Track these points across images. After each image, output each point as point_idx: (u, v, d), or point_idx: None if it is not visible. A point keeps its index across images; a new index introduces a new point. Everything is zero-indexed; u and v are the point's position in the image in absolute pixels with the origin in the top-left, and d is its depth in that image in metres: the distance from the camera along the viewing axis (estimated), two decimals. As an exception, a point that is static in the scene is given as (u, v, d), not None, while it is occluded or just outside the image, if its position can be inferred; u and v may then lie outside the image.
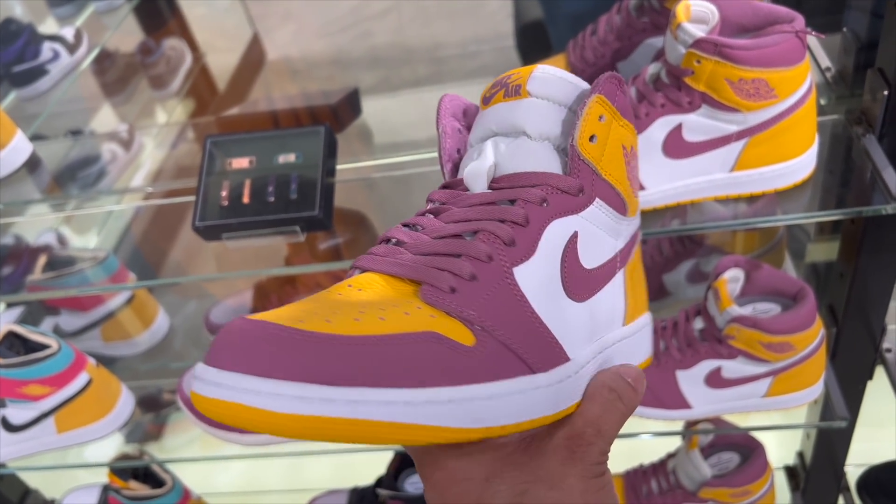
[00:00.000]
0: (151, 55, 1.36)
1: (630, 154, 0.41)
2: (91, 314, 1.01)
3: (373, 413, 0.29)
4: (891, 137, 0.61)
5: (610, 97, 0.39)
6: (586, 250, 0.39)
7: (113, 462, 1.02)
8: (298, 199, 0.68)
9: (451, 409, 0.31)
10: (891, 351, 0.80)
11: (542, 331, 0.36)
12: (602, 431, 0.37)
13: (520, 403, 0.34)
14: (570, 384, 0.37)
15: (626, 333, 0.43)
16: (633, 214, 0.43)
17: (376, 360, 0.30)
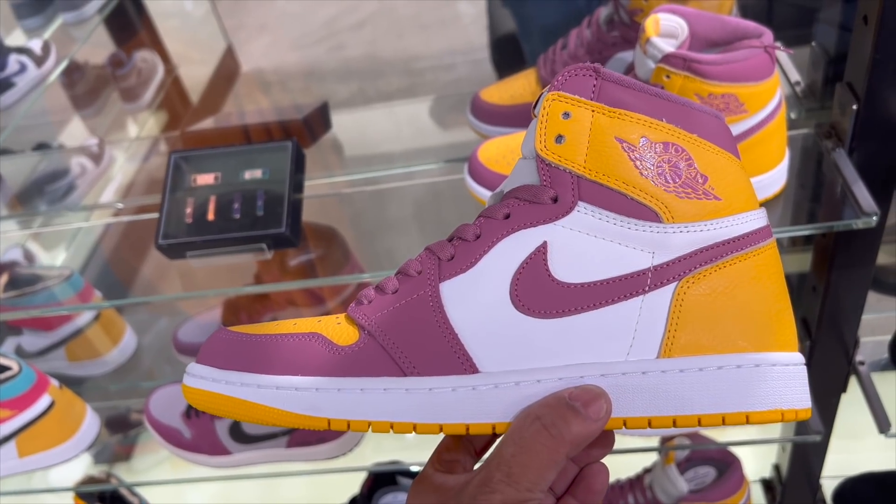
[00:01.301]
0: (122, 67, 1.34)
1: (641, 148, 0.35)
2: (55, 333, 0.99)
3: (246, 394, 0.36)
4: (861, 152, 0.61)
5: (574, 89, 0.36)
6: (566, 261, 0.35)
7: (78, 486, 0.99)
8: (265, 215, 0.67)
9: (295, 395, 0.36)
10: (864, 363, 0.80)
11: (448, 341, 0.35)
12: (512, 475, 0.32)
13: (373, 401, 0.35)
14: (465, 396, 0.35)
15: (666, 367, 0.35)
16: (683, 219, 0.35)
17: (265, 353, 0.37)
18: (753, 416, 0.35)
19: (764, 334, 0.36)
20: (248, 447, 0.84)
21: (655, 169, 0.35)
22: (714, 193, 0.36)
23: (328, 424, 0.35)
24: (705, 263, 0.35)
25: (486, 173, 0.62)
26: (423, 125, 0.95)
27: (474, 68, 1.61)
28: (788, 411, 0.35)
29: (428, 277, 0.37)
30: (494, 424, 0.35)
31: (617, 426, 0.35)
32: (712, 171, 0.36)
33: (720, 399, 0.35)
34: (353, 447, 0.87)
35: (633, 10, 0.64)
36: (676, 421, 0.35)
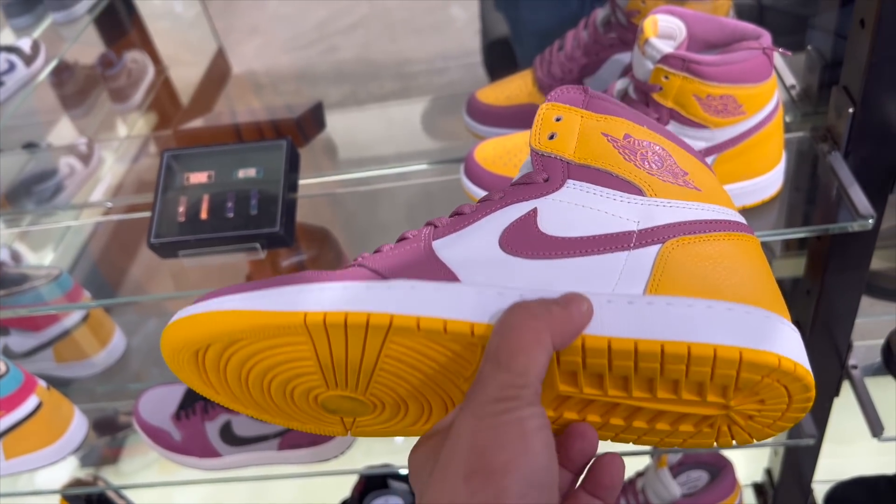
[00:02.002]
0: (112, 68, 1.33)
1: (625, 141, 0.38)
2: (43, 334, 0.98)
3: (225, 305, 0.36)
4: (856, 154, 0.61)
5: (566, 101, 0.40)
6: (555, 222, 0.37)
7: (65, 489, 0.98)
8: (259, 214, 0.66)
9: (280, 297, 0.36)
10: (857, 367, 0.80)
11: (436, 267, 0.37)
12: (501, 363, 0.31)
13: (353, 295, 0.35)
14: (447, 293, 0.35)
15: (652, 300, 0.34)
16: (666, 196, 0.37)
17: (252, 284, 0.37)
18: (747, 354, 0.32)
19: (755, 293, 0.35)
20: (238, 449, 0.83)
21: (638, 157, 0.38)
22: (694, 185, 0.38)
23: (304, 319, 0.35)
24: (689, 233, 0.36)
25: (483, 174, 0.61)
26: (416, 127, 0.95)
27: (467, 72, 1.61)
28: (786, 359, 0.32)
29: (423, 237, 0.39)
30: (473, 325, 0.34)
31: (601, 345, 0.33)
32: (691, 168, 0.39)
33: (712, 330, 0.33)
34: (345, 450, 0.86)
35: (631, 11, 0.64)
36: (665, 347, 0.33)
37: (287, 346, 0.36)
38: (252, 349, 0.36)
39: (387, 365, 0.36)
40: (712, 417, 0.35)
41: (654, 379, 0.34)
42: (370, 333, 0.35)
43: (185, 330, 0.36)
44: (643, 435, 0.37)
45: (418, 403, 0.38)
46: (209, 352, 0.36)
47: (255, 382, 0.38)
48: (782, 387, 0.33)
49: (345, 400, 0.39)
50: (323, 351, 0.36)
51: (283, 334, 0.35)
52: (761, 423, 0.36)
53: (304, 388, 0.38)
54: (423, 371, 0.36)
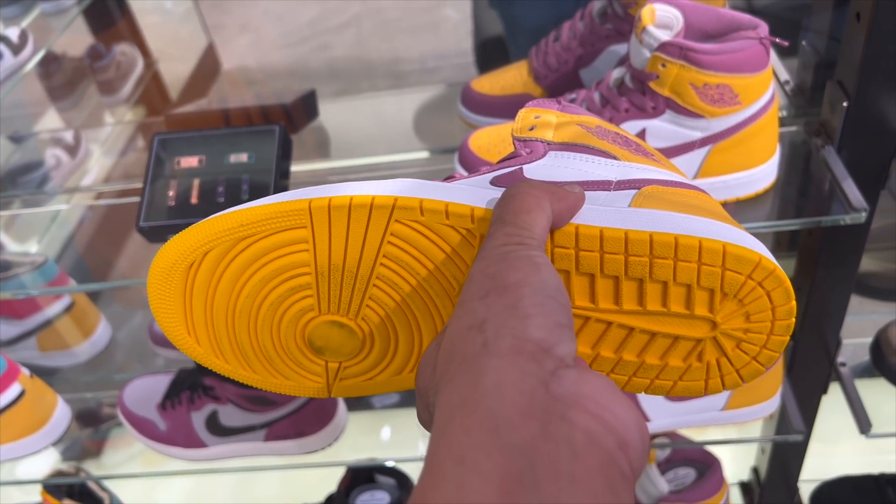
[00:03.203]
0: (101, 60, 1.32)
1: (597, 130, 0.42)
2: (27, 322, 0.96)
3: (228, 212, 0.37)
4: (850, 149, 0.61)
5: (542, 106, 0.44)
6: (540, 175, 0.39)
7: (46, 479, 0.96)
8: (250, 200, 0.65)
9: (281, 196, 0.37)
10: (845, 365, 0.81)
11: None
12: (507, 220, 0.33)
13: (356, 185, 0.37)
14: (446, 186, 0.37)
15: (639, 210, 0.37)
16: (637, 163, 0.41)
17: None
18: (730, 248, 0.34)
19: (727, 219, 0.37)
20: (224, 440, 0.82)
21: (610, 138, 0.42)
22: (659, 161, 0.42)
23: (309, 206, 0.36)
24: (660, 184, 0.39)
25: (478, 162, 0.61)
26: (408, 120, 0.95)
27: (460, 71, 1.61)
28: (766, 258, 0.34)
29: None
30: (473, 208, 0.36)
31: (594, 233, 0.35)
32: (655, 154, 0.43)
33: (697, 227, 0.35)
34: (332, 442, 0.86)
35: (627, 2, 0.64)
36: (653, 237, 0.34)
37: (287, 247, 0.37)
38: (250, 253, 0.37)
39: (383, 269, 0.37)
40: (701, 344, 0.36)
41: (643, 281, 0.35)
42: (374, 215, 0.36)
43: (186, 239, 0.36)
44: (633, 374, 0.38)
45: (408, 333, 0.39)
46: (204, 262, 0.37)
47: (243, 308, 0.38)
48: (765, 294, 0.35)
49: (334, 329, 0.39)
50: (322, 246, 0.37)
51: (285, 221, 0.36)
52: (749, 351, 0.37)
53: (295, 311, 0.38)
54: (419, 277, 0.37)
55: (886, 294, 0.87)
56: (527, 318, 0.28)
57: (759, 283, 0.35)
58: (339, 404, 0.86)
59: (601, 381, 0.28)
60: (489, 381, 0.27)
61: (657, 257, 0.35)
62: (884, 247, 0.87)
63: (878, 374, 0.82)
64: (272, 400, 0.80)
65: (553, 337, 0.28)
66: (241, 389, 0.79)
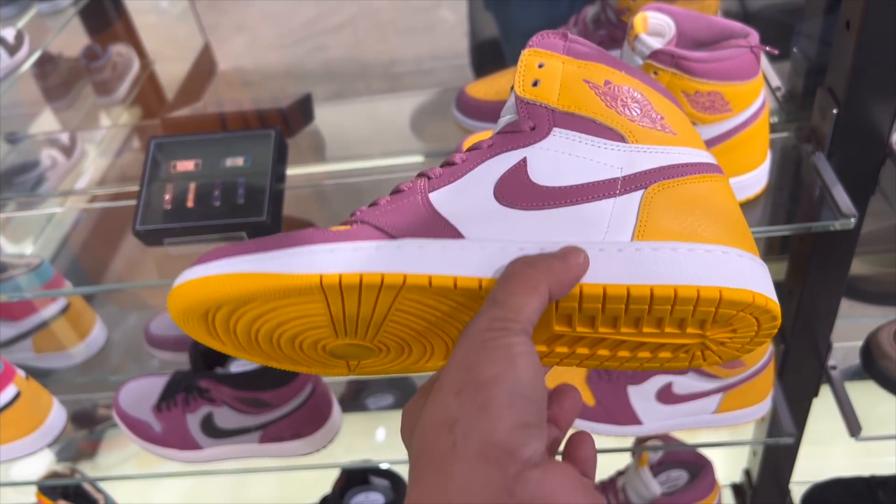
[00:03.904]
0: (97, 60, 1.32)
1: (606, 88, 0.40)
2: (22, 324, 0.96)
3: (237, 267, 0.36)
4: (840, 155, 0.62)
5: (547, 47, 0.41)
6: (544, 171, 0.39)
7: (41, 480, 0.97)
8: (246, 204, 0.66)
9: (291, 259, 0.36)
10: (836, 368, 0.81)
11: (437, 219, 0.38)
12: (497, 301, 0.34)
13: (365, 257, 0.36)
14: (454, 252, 0.37)
15: (640, 246, 0.37)
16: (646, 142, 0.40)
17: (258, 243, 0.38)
18: (727, 293, 0.35)
19: (729, 234, 0.38)
20: (219, 442, 0.82)
21: (619, 103, 0.40)
22: (670, 128, 0.40)
23: (320, 280, 0.36)
24: (668, 177, 0.39)
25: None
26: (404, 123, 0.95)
27: (455, 73, 1.61)
28: (759, 295, 0.36)
29: (418, 189, 0.39)
30: (481, 280, 0.36)
31: (597, 292, 0.36)
32: (666, 113, 0.41)
33: (694, 273, 0.36)
34: (326, 444, 0.86)
35: (621, 9, 0.65)
36: (654, 290, 0.35)
37: (300, 305, 0.37)
38: (265, 308, 0.37)
39: (396, 316, 0.38)
40: (689, 345, 0.39)
41: (641, 318, 0.37)
42: (383, 292, 0.36)
43: (194, 292, 0.37)
44: (625, 362, 0.40)
45: (421, 346, 0.41)
46: (219, 312, 0.37)
47: (265, 337, 0.39)
48: (753, 318, 0.37)
49: (352, 347, 0.40)
50: (336, 308, 0.37)
51: (297, 295, 0.36)
52: (731, 349, 0.40)
53: (312, 339, 0.40)
54: (430, 319, 0.38)
55: (877, 298, 0.88)
56: (496, 421, 0.30)
57: (749, 314, 0.37)
58: (333, 406, 0.86)
59: (566, 477, 0.30)
60: (455, 487, 0.29)
61: (657, 305, 0.36)
62: (874, 250, 0.88)
63: (868, 378, 0.83)
64: (267, 402, 0.81)
65: (519, 439, 0.29)
66: (237, 391, 0.80)
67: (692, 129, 0.42)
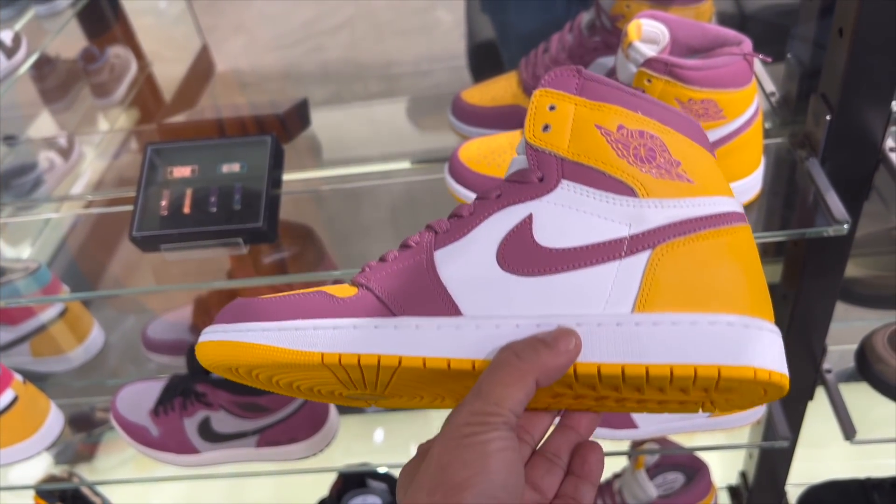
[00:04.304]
0: (95, 62, 1.32)
1: (619, 134, 0.38)
2: (20, 328, 0.97)
3: (249, 337, 0.38)
4: (833, 161, 0.62)
5: (559, 86, 0.39)
6: (549, 229, 0.38)
7: (39, 484, 0.97)
8: (242, 210, 0.66)
9: (296, 334, 0.38)
10: (831, 372, 0.82)
11: (437, 291, 0.38)
12: (481, 392, 0.34)
13: (364, 336, 0.38)
14: (449, 333, 0.37)
15: (639, 320, 0.36)
16: (658, 195, 0.37)
17: (272, 307, 0.40)
18: (725, 370, 0.35)
19: (737, 299, 0.36)
20: (216, 446, 0.83)
21: (631, 151, 0.38)
22: (687, 176, 0.38)
23: (321, 358, 0.37)
24: (679, 235, 0.37)
25: (467, 173, 0.62)
26: (400, 126, 0.95)
27: (453, 75, 1.61)
28: (761, 370, 0.35)
29: (424, 246, 0.40)
30: (475, 361, 0.37)
31: (591, 371, 0.36)
32: (684, 157, 0.39)
33: (693, 351, 0.35)
34: (324, 448, 0.86)
35: (615, 15, 0.65)
36: (650, 370, 0.35)
37: (309, 372, 0.39)
38: (279, 371, 0.40)
39: (401, 381, 0.39)
40: (696, 401, 0.39)
41: (641, 386, 0.37)
42: (382, 369, 0.38)
43: (213, 354, 0.40)
44: (633, 410, 0.41)
45: (432, 395, 0.42)
46: (240, 369, 0.40)
47: (285, 386, 0.42)
48: (761, 388, 0.36)
49: (366, 394, 0.42)
50: (342, 375, 0.39)
51: (302, 367, 0.38)
52: (740, 403, 0.39)
53: (328, 389, 0.42)
54: (434, 382, 0.39)
55: (871, 301, 0.88)
56: None
57: (753, 385, 0.36)
58: (330, 410, 0.86)
59: None
60: None
61: (653, 381, 0.36)
62: (869, 253, 0.88)
63: (863, 381, 0.83)
64: (264, 406, 0.81)
65: None
66: (234, 396, 0.80)
67: (714, 171, 0.39)
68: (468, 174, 0.62)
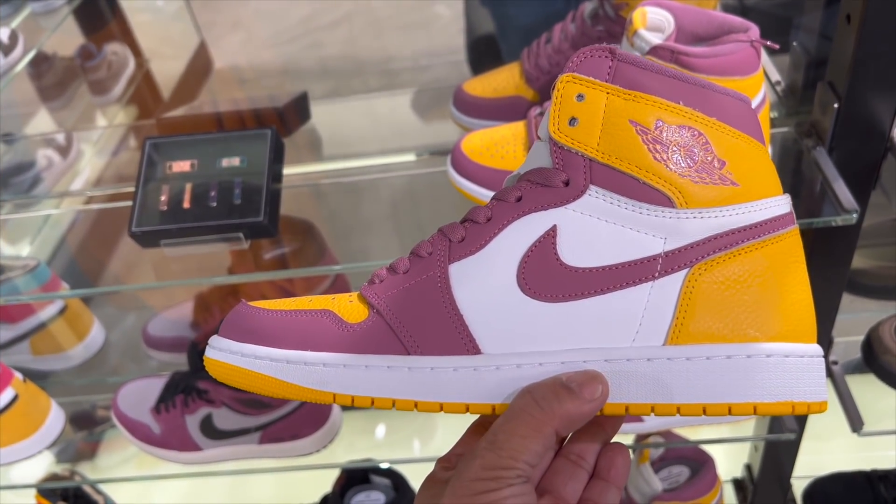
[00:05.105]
0: (92, 59, 1.32)
1: (657, 132, 0.34)
2: (20, 326, 0.96)
3: (259, 367, 0.37)
4: (841, 150, 0.61)
5: (589, 71, 0.35)
6: (576, 245, 0.35)
7: (41, 483, 0.96)
8: (242, 204, 0.65)
9: (305, 371, 0.36)
10: (837, 363, 0.81)
11: (453, 321, 0.36)
12: (496, 442, 0.32)
13: (377, 378, 0.36)
14: (466, 376, 0.35)
15: (672, 355, 0.34)
16: (698, 205, 0.34)
17: (279, 328, 0.37)
18: (761, 408, 0.33)
19: (778, 324, 0.34)
20: (219, 443, 0.82)
21: (670, 153, 0.34)
22: (731, 179, 0.35)
23: (333, 398, 0.36)
24: (719, 250, 0.34)
25: (470, 165, 0.61)
26: (401, 120, 0.95)
27: (452, 69, 1.60)
28: (799, 404, 0.33)
29: (438, 258, 0.37)
30: (494, 405, 0.35)
31: (619, 412, 0.34)
32: (731, 155, 0.35)
33: (727, 389, 0.33)
34: (327, 444, 0.86)
35: (619, 4, 0.64)
36: (680, 409, 0.34)
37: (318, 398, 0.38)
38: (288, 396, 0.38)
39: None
40: None
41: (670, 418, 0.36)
42: (396, 407, 0.36)
43: (224, 374, 0.38)
44: None
45: None
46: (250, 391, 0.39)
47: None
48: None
49: None
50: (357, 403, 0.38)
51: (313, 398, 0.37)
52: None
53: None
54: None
55: (878, 292, 0.87)
56: None
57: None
58: (333, 406, 0.86)
59: None
60: None
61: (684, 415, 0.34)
62: (875, 244, 0.87)
63: (870, 372, 0.83)
64: (266, 403, 0.80)
65: None
66: (236, 392, 0.79)
67: (762, 166, 0.36)
68: (471, 166, 0.61)
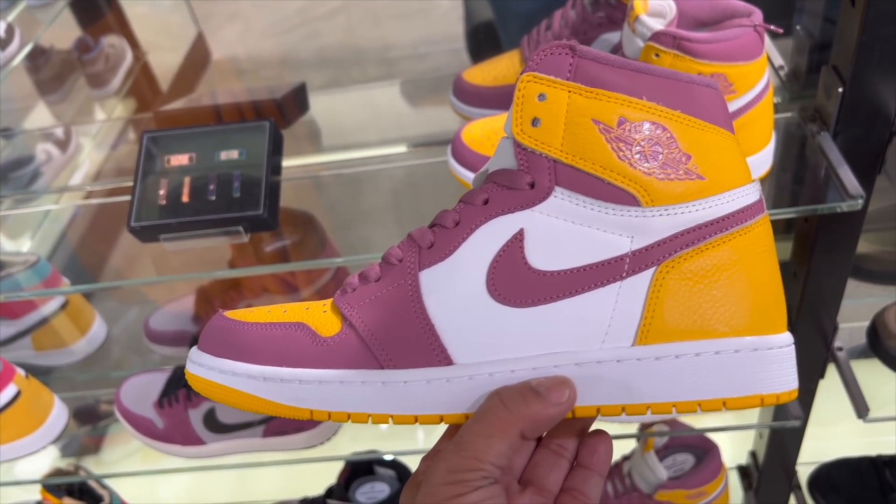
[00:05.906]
0: (89, 52, 1.31)
1: (620, 130, 0.34)
2: (21, 321, 0.96)
3: (237, 384, 0.37)
4: (845, 135, 0.61)
5: (549, 69, 0.34)
6: (543, 248, 0.35)
7: (45, 478, 0.96)
8: (242, 197, 0.65)
9: (281, 387, 0.37)
10: (842, 349, 0.81)
11: (425, 332, 0.36)
12: (461, 444, 0.32)
13: (352, 394, 0.36)
14: (439, 388, 0.36)
15: (641, 355, 0.34)
16: (664, 202, 0.34)
17: (256, 342, 0.38)
18: (730, 402, 0.34)
19: (746, 318, 0.34)
20: (222, 437, 0.82)
21: (633, 151, 0.34)
22: (697, 172, 0.34)
23: (311, 415, 0.37)
24: (686, 246, 0.34)
25: (470, 155, 0.61)
26: (400, 110, 0.94)
27: (451, 57, 1.59)
28: (768, 396, 0.34)
29: (408, 266, 0.37)
30: (468, 415, 0.36)
31: (590, 414, 0.35)
32: (696, 149, 0.35)
33: (695, 386, 0.34)
34: (330, 436, 0.86)
35: (619, -10, 0.63)
36: (651, 409, 0.34)
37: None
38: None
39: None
40: None
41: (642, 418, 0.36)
42: (373, 421, 0.37)
43: (205, 389, 0.39)
44: None
45: None
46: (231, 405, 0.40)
47: None
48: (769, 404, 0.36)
49: None
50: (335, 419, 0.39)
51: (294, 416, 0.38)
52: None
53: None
54: None
55: (883, 277, 0.87)
56: None
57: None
58: (336, 398, 0.86)
59: None
60: None
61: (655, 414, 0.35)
62: (881, 228, 0.87)
63: (875, 358, 0.82)
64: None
65: None
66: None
67: (729, 156, 0.35)
68: (471, 155, 0.60)
